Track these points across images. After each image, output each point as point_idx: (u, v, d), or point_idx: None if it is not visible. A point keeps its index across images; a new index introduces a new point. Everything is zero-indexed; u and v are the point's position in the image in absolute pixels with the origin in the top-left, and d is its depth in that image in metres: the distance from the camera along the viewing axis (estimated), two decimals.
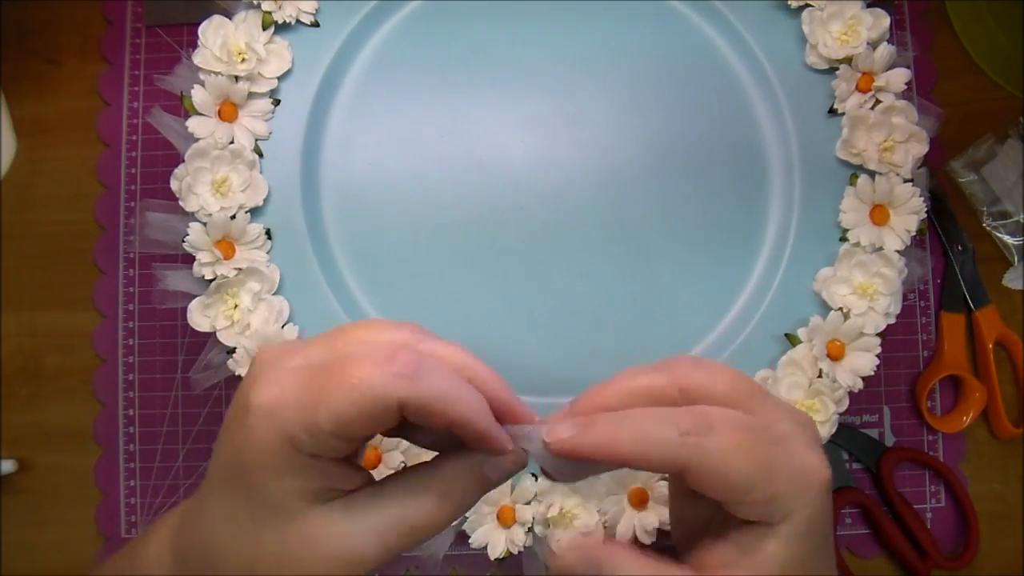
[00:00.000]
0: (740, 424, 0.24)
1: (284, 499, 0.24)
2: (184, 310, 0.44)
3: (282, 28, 0.46)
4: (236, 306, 0.44)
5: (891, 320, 0.44)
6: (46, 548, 0.49)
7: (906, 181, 0.45)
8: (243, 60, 0.44)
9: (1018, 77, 0.51)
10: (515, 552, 0.43)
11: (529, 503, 0.43)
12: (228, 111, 0.45)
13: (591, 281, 0.47)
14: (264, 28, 0.46)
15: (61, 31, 0.53)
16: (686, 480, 0.24)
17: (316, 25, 0.47)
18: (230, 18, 0.45)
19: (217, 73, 0.44)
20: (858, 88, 0.46)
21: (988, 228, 0.51)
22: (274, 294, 0.45)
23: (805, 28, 0.46)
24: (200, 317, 0.44)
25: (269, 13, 0.45)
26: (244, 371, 0.43)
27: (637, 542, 0.25)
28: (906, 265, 0.45)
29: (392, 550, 0.25)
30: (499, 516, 0.43)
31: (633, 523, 0.43)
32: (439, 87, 0.48)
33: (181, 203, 0.44)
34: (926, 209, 0.45)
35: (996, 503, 0.50)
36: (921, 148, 0.45)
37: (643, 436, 0.24)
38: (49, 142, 0.52)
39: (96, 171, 0.52)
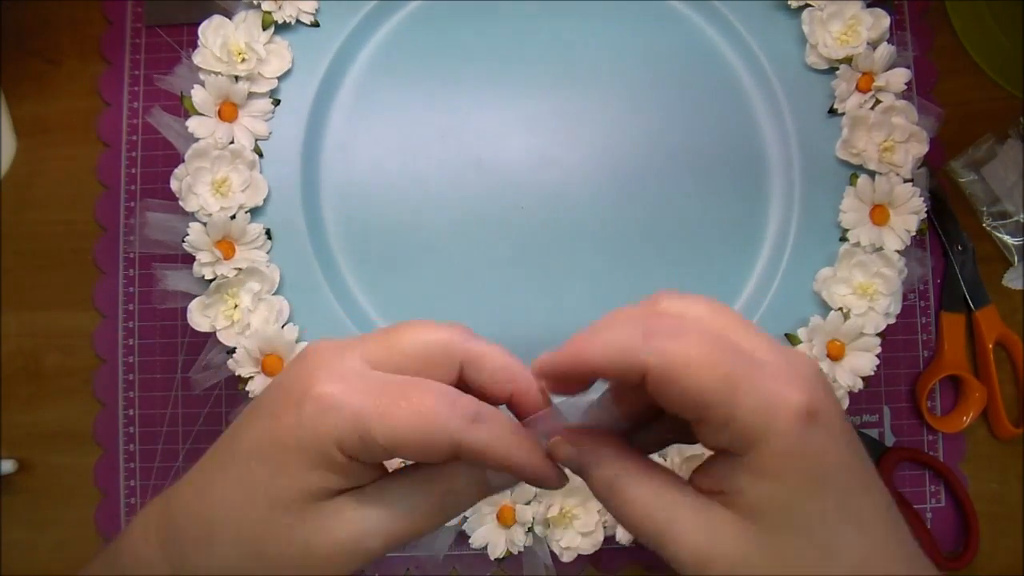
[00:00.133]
0: (712, 336, 0.22)
1: (309, 490, 0.25)
2: (184, 310, 0.44)
3: (282, 28, 0.46)
4: (236, 306, 0.44)
5: (891, 320, 0.44)
6: (46, 548, 0.49)
7: (906, 181, 0.45)
8: (243, 60, 0.44)
9: (1018, 77, 0.51)
10: (515, 552, 0.43)
11: (529, 503, 0.43)
12: (228, 111, 0.45)
13: (591, 281, 0.47)
14: (264, 28, 0.46)
15: (61, 31, 0.53)
16: (649, 390, 0.22)
17: (316, 25, 0.47)
18: (230, 18, 0.45)
19: (217, 73, 0.44)
20: (858, 88, 0.46)
21: (988, 228, 0.51)
22: (274, 294, 0.45)
23: (805, 28, 0.46)
24: (200, 317, 0.44)
25: (269, 13, 0.45)
26: (244, 371, 0.43)
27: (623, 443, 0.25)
28: (906, 265, 0.45)
29: (394, 544, 0.26)
30: (499, 516, 0.43)
31: None
32: (439, 87, 0.48)
33: (181, 203, 0.44)
34: (926, 209, 0.45)
35: (996, 503, 0.50)
36: (921, 148, 0.45)
37: (609, 339, 0.23)
38: (49, 142, 0.52)
39: (96, 171, 0.52)
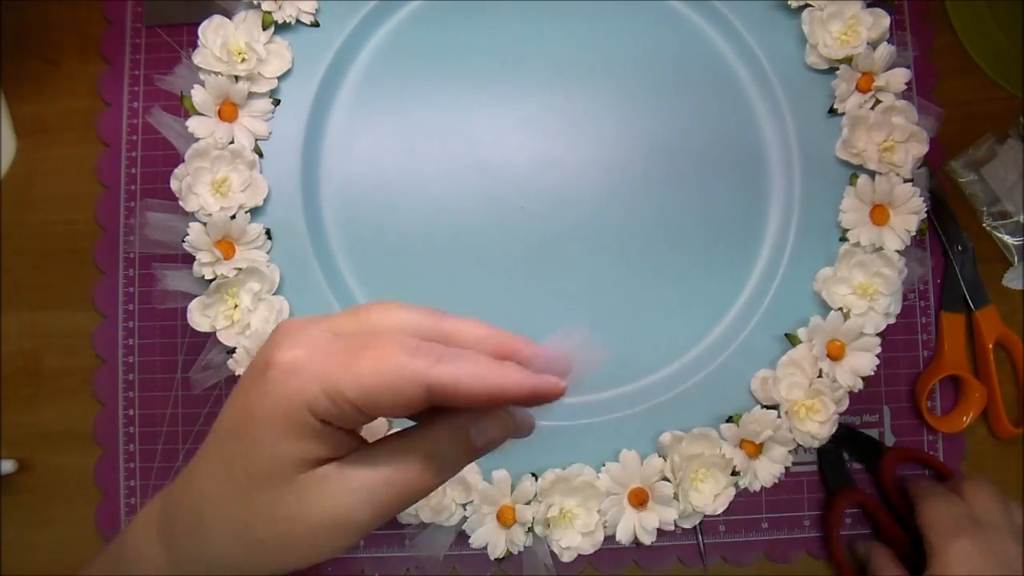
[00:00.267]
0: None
1: (284, 460, 0.24)
2: (184, 310, 0.44)
3: (282, 28, 0.46)
4: (236, 306, 0.44)
5: (891, 320, 0.44)
6: (46, 548, 0.49)
7: (906, 181, 0.45)
8: (243, 60, 0.44)
9: (1018, 77, 0.51)
10: (515, 552, 0.43)
11: (529, 503, 0.43)
12: (228, 111, 0.45)
13: (591, 281, 0.47)
14: (264, 28, 0.46)
15: (61, 31, 0.53)
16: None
17: (316, 25, 0.47)
18: (230, 18, 0.45)
19: (217, 73, 0.44)
20: (858, 88, 0.46)
21: (988, 228, 0.51)
22: (274, 294, 0.45)
23: (805, 28, 0.46)
24: (200, 317, 0.44)
25: (269, 13, 0.45)
26: (245, 371, 0.43)
27: None
28: (906, 265, 0.45)
29: (382, 513, 0.25)
30: (499, 516, 0.43)
31: (633, 523, 0.43)
32: (439, 87, 0.48)
33: (181, 203, 0.44)
34: (926, 209, 0.45)
35: None
36: (921, 148, 0.45)
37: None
38: (49, 142, 0.52)
39: (96, 171, 0.52)
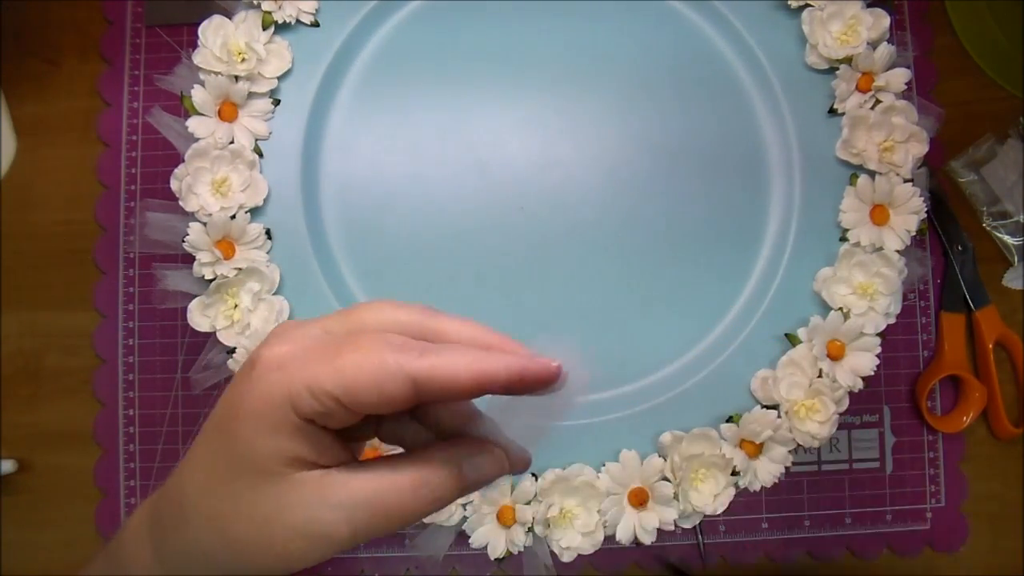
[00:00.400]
0: None
1: (267, 457, 0.23)
2: (184, 310, 0.44)
3: (282, 28, 0.46)
4: (236, 306, 0.44)
5: (891, 320, 0.44)
6: (46, 548, 0.49)
7: (906, 181, 0.45)
8: (243, 60, 0.44)
9: (1018, 77, 0.51)
10: (515, 552, 0.43)
11: (529, 503, 0.43)
12: (228, 111, 0.45)
13: (591, 281, 0.47)
14: (264, 28, 0.46)
15: (61, 31, 0.53)
16: None
17: (316, 25, 0.47)
18: (230, 18, 0.45)
19: (217, 73, 0.44)
20: (858, 88, 0.46)
21: (988, 228, 0.51)
22: (274, 294, 0.45)
23: (805, 28, 0.46)
24: (200, 317, 0.44)
25: (269, 13, 0.45)
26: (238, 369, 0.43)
27: None
28: (906, 265, 0.45)
29: (360, 532, 0.24)
30: (499, 516, 0.43)
31: (633, 523, 0.43)
32: (439, 87, 0.48)
33: (181, 203, 0.44)
34: (926, 209, 0.45)
35: (996, 503, 0.50)
36: (921, 148, 0.45)
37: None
38: (49, 142, 0.52)
39: (96, 171, 0.52)
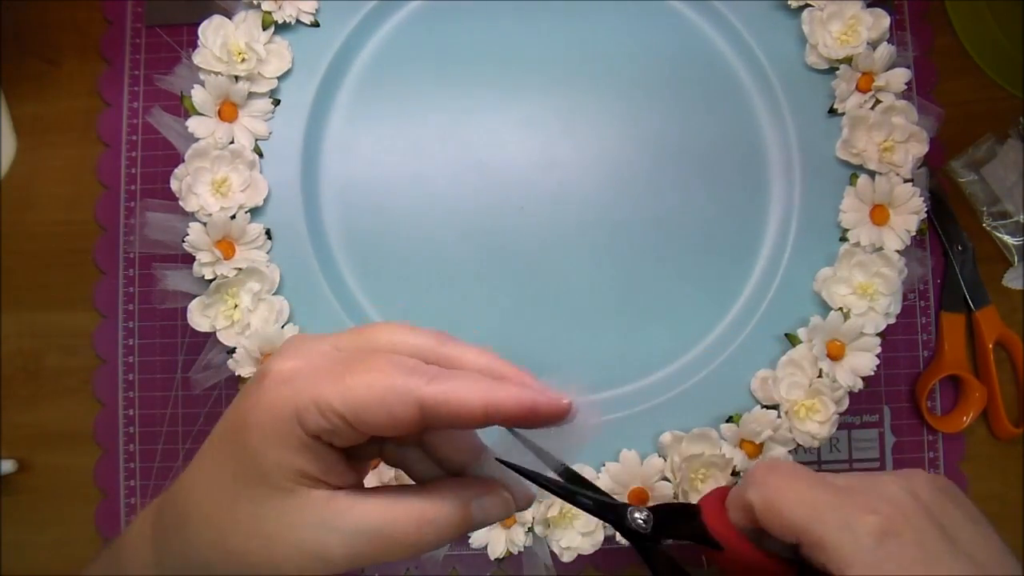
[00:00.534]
0: (803, 473, 0.27)
1: (272, 470, 0.23)
2: (184, 310, 0.44)
3: (282, 28, 0.46)
4: (236, 306, 0.44)
5: (891, 320, 0.44)
6: (46, 548, 0.49)
7: (906, 181, 0.45)
8: (243, 60, 0.44)
9: (1018, 77, 0.51)
10: (515, 552, 0.43)
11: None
12: (228, 111, 0.45)
13: (591, 280, 0.47)
14: (264, 28, 0.45)
15: (61, 31, 0.53)
16: (761, 522, 0.26)
17: (316, 25, 0.47)
18: (230, 18, 0.45)
19: (217, 73, 0.44)
20: (858, 88, 0.46)
21: (988, 228, 0.51)
22: (274, 294, 0.45)
23: (805, 28, 0.46)
24: (200, 317, 0.44)
25: (269, 13, 0.45)
26: (244, 371, 0.43)
27: None
28: (906, 265, 0.45)
29: (361, 558, 0.24)
30: None
31: None
32: (439, 87, 0.48)
33: (181, 203, 0.44)
34: (926, 209, 0.45)
35: (996, 503, 0.50)
36: (921, 148, 0.45)
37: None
38: (49, 142, 0.52)
39: (96, 171, 0.52)
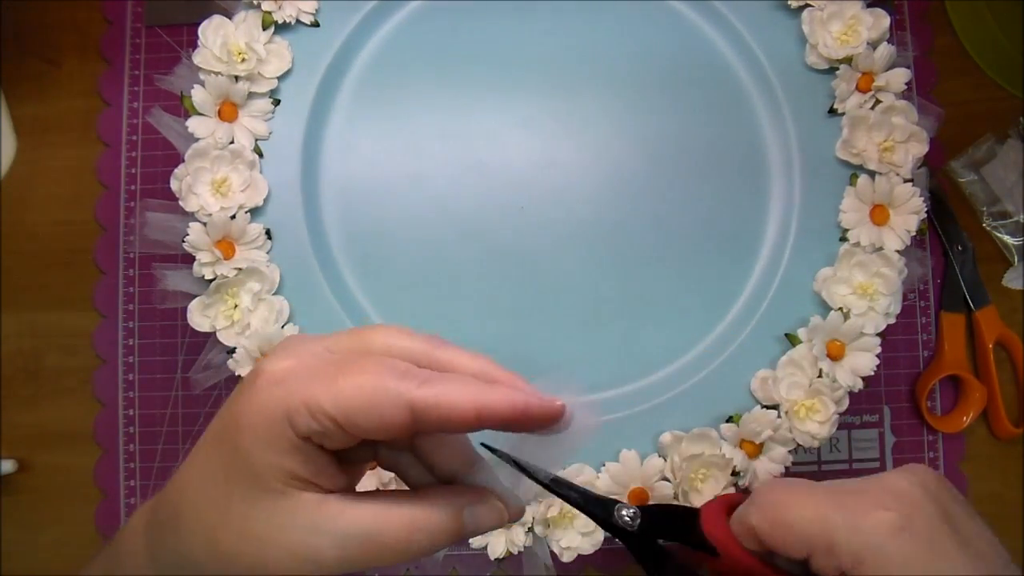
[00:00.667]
0: (802, 483, 0.26)
1: (264, 471, 0.24)
2: (184, 310, 0.44)
3: (282, 28, 0.46)
4: (236, 306, 0.44)
5: (891, 320, 0.44)
6: (46, 548, 0.49)
7: (906, 181, 0.45)
8: (243, 60, 0.44)
9: (1018, 77, 0.51)
10: (515, 552, 0.43)
11: (529, 503, 0.43)
12: (228, 111, 0.45)
13: (591, 280, 0.47)
14: (264, 28, 0.45)
15: (61, 31, 0.53)
16: (765, 543, 0.25)
17: (316, 25, 0.47)
18: (230, 18, 0.45)
19: (217, 73, 0.44)
20: (858, 88, 0.46)
21: (988, 228, 0.51)
22: (274, 294, 0.45)
23: (805, 28, 0.46)
24: (200, 317, 0.44)
25: (269, 13, 0.45)
26: (244, 371, 0.43)
27: None
28: (906, 265, 0.45)
29: (351, 563, 0.24)
30: None
31: None
32: (439, 87, 0.48)
33: (181, 203, 0.44)
34: (926, 209, 0.45)
35: (996, 503, 0.50)
36: (921, 148, 0.45)
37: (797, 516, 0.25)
38: (49, 142, 0.52)
39: (96, 171, 0.52)
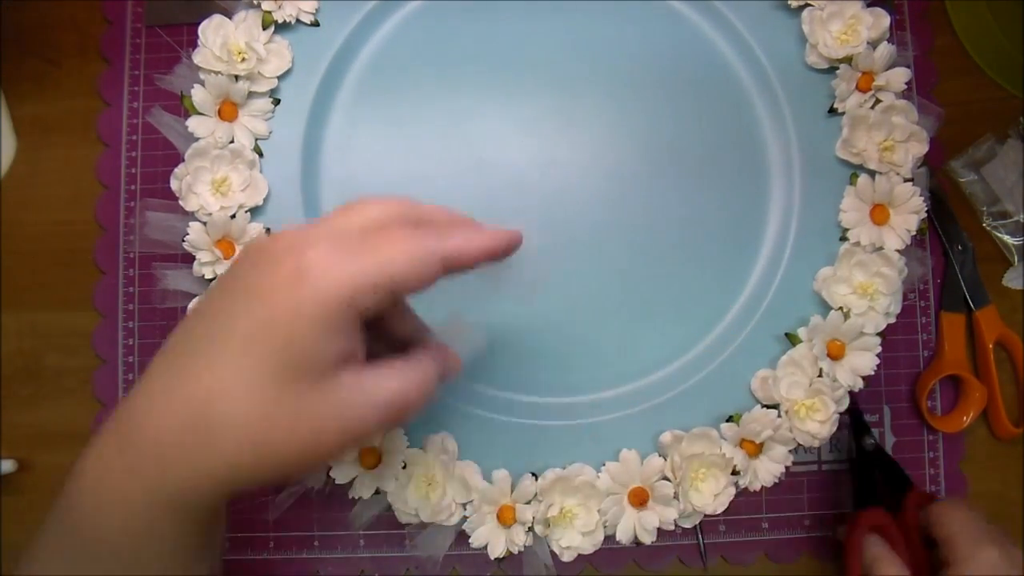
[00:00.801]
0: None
1: (323, 358, 0.27)
2: (184, 310, 0.44)
3: (282, 28, 0.46)
4: None
5: (891, 320, 0.44)
6: None
7: (906, 181, 0.45)
8: (243, 60, 0.44)
9: (1018, 77, 0.51)
10: (515, 552, 0.43)
11: (529, 503, 0.43)
12: (228, 111, 0.45)
13: (590, 280, 0.47)
14: (264, 28, 0.46)
15: (61, 31, 0.53)
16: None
17: (316, 25, 0.47)
18: (230, 18, 0.45)
19: (217, 73, 0.44)
20: (858, 88, 0.46)
21: (988, 228, 0.51)
22: None
23: (805, 28, 0.46)
24: None
25: (269, 13, 0.45)
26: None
27: None
28: (906, 265, 0.45)
29: (386, 424, 0.29)
30: (499, 516, 0.43)
31: (633, 523, 0.43)
32: (439, 87, 0.48)
33: (181, 203, 0.44)
34: (926, 209, 0.45)
35: (996, 503, 0.50)
36: (921, 148, 0.45)
37: None
38: (49, 142, 0.52)
39: (96, 171, 0.52)
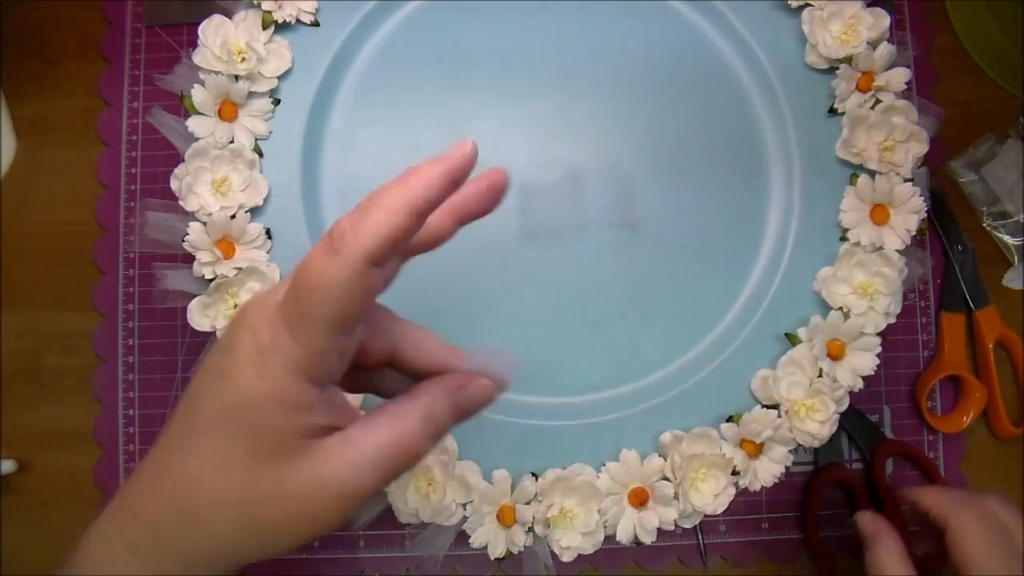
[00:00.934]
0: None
1: (290, 436, 0.25)
2: (184, 310, 0.44)
3: (282, 28, 0.46)
4: (236, 306, 0.44)
5: (891, 320, 0.44)
6: (46, 548, 0.49)
7: (906, 181, 0.45)
8: (243, 59, 0.44)
9: (1018, 77, 0.51)
10: (515, 552, 0.43)
11: (529, 503, 0.43)
12: (228, 111, 0.45)
13: (591, 280, 0.47)
14: (264, 28, 0.46)
15: (60, 31, 0.53)
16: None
17: (316, 25, 0.47)
18: (230, 18, 0.45)
19: (217, 72, 0.44)
20: (858, 88, 0.46)
21: (988, 228, 0.51)
22: None
23: (805, 28, 0.46)
24: (200, 317, 0.44)
25: (269, 13, 0.45)
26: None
27: None
28: (906, 265, 0.45)
29: (386, 476, 0.26)
30: (499, 516, 0.43)
31: (633, 523, 0.43)
32: (439, 87, 0.48)
33: (181, 203, 0.44)
34: (926, 209, 0.45)
35: None
36: (921, 148, 0.45)
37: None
38: (49, 142, 0.52)
39: (96, 171, 0.51)
